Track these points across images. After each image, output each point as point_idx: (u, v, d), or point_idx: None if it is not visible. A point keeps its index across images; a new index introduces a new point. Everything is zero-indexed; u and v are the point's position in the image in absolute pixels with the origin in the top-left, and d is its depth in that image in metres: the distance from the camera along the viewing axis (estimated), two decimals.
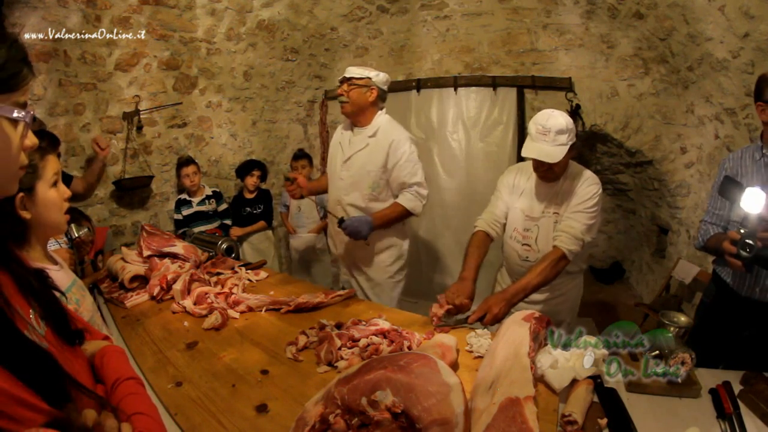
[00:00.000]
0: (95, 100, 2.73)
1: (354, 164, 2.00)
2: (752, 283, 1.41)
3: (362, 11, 3.58)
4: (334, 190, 2.09)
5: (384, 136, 1.95)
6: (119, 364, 0.77)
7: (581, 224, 1.55)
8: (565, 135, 1.51)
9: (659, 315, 1.40)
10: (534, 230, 1.68)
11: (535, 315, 1.23)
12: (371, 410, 0.80)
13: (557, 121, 1.50)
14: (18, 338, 0.52)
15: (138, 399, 0.71)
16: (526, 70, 3.32)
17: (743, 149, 1.48)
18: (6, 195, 0.58)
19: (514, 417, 0.85)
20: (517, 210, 1.72)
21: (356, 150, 1.99)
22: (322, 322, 1.43)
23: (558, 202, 1.64)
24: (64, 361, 0.62)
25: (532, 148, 1.53)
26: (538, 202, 1.67)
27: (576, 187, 1.61)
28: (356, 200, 2.00)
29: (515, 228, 1.73)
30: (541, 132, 1.51)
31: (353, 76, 1.91)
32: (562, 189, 1.63)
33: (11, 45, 0.53)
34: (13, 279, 0.62)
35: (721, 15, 2.22)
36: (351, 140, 2.03)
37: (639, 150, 3.19)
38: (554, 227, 1.62)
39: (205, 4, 3.01)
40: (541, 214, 1.66)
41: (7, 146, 0.54)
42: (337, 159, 2.07)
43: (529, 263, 1.67)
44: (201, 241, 2.41)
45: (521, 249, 1.71)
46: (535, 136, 1.53)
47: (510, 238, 1.76)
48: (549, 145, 1.50)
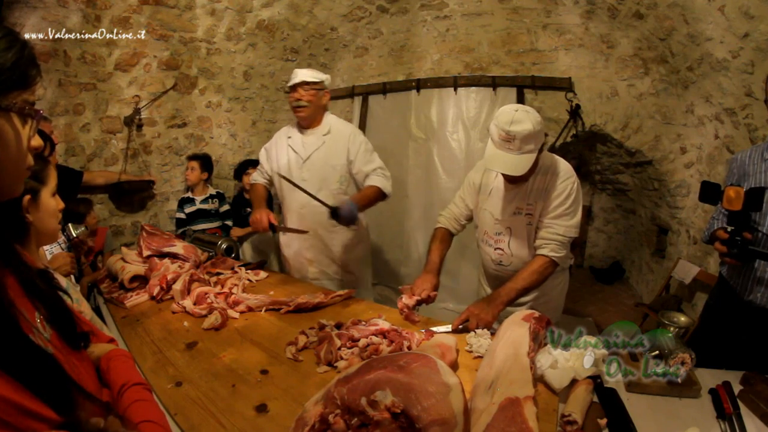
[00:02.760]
0: (95, 100, 2.73)
1: (315, 163, 2.02)
2: (753, 287, 1.39)
3: (362, 11, 3.58)
4: (293, 193, 2.00)
5: (338, 131, 2.04)
6: (126, 369, 0.77)
7: (563, 227, 1.47)
8: (533, 141, 1.34)
9: (659, 315, 1.40)
10: (506, 234, 1.58)
11: (535, 315, 1.23)
12: (371, 410, 0.79)
13: (523, 127, 1.31)
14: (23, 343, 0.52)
15: (146, 406, 0.71)
16: (526, 70, 3.32)
17: (753, 148, 1.45)
18: (11, 196, 0.57)
19: (514, 417, 0.85)
20: (486, 212, 1.61)
21: (313, 149, 2.02)
22: (321, 322, 1.43)
23: (531, 201, 1.51)
24: (69, 366, 0.61)
25: (495, 158, 1.37)
26: (507, 202, 1.55)
27: (548, 185, 1.47)
28: (325, 198, 1.91)
29: (485, 231, 1.64)
30: (505, 138, 1.33)
31: (308, 80, 1.94)
32: (534, 187, 1.50)
33: (22, 45, 0.54)
34: (19, 281, 0.62)
35: (720, 15, 2.22)
36: (303, 141, 2.05)
37: (639, 150, 3.19)
38: (527, 228, 1.52)
39: (205, 4, 3.01)
40: (512, 215, 1.54)
41: (17, 144, 0.54)
42: (290, 162, 2.05)
43: (503, 267, 1.62)
44: (201, 241, 2.41)
45: (494, 253, 1.63)
46: (497, 143, 1.36)
47: (482, 242, 1.67)
48: (514, 154, 1.34)
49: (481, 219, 1.67)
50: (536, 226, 1.53)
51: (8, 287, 0.57)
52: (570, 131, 3.25)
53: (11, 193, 0.57)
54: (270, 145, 2.18)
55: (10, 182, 0.56)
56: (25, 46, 0.54)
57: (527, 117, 1.33)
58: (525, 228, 1.54)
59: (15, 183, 0.57)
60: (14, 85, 0.53)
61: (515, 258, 1.59)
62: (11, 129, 0.53)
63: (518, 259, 1.58)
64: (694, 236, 2.90)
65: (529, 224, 1.53)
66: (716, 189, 1.30)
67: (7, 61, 0.51)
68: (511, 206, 1.55)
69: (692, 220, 2.94)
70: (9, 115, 0.52)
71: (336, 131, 2.04)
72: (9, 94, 0.52)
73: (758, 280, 1.37)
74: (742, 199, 1.19)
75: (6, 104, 0.51)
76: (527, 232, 1.54)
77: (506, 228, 1.57)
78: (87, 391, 0.59)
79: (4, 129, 0.52)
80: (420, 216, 3.61)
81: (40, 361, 0.53)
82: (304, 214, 2.06)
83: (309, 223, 2.04)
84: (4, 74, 0.51)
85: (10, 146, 0.53)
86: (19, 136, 0.54)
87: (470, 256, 1.80)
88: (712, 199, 1.32)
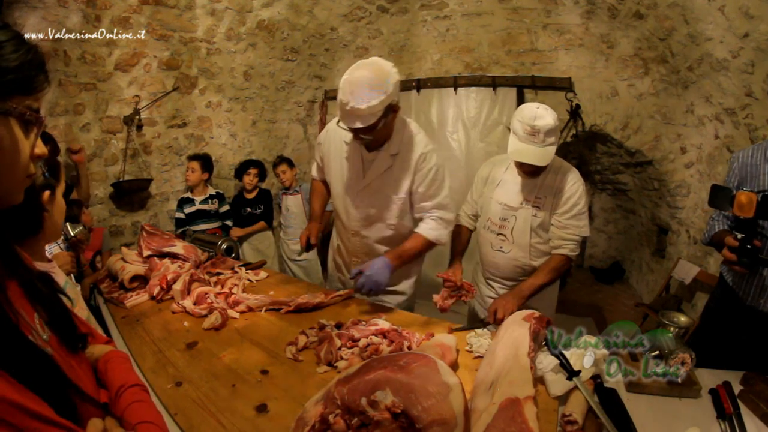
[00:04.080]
0: (95, 100, 2.73)
1: (376, 190, 1.61)
2: (758, 293, 1.37)
3: (362, 11, 3.58)
4: (344, 218, 1.72)
5: (408, 150, 1.56)
6: (124, 371, 0.77)
7: (578, 227, 1.58)
8: (553, 135, 1.46)
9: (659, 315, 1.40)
10: (511, 220, 1.65)
11: (535, 315, 1.23)
12: (371, 410, 0.79)
13: (546, 122, 1.44)
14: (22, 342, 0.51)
15: (143, 407, 0.71)
16: (526, 70, 3.33)
17: (754, 147, 1.41)
18: (9, 204, 0.56)
19: (514, 417, 0.85)
20: (493, 201, 1.70)
21: (376, 174, 1.59)
22: (322, 322, 1.43)
23: (539, 195, 1.60)
24: (67, 367, 0.61)
25: (521, 150, 1.48)
26: (517, 192, 1.64)
27: (558, 184, 1.58)
28: (378, 232, 1.67)
29: (489, 218, 1.72)
30: (530, 133, 1.45)
31: (372, 120, 1.37)
32: (544, 183, 1.60)
33: (29, 49, 0.53)
34: (20, 284, 0.61)
35: (721, 15, 2.22)
36: (365, 159, 1.59)
37: (639, 150, 3.19)
38: (531, 220, 1.61)
39: (205, 4, 3.01)
40: (520, 204, 1.63)
41: (17, 150, 0.52)
42: (345, 182, 1.65)
43: (502, 254, 1.69)
44: (201, 241, 2.41)
45: (495, 239, 1.70)
46: (522, 137, 1.47)
47: (484, 228, 1.75)
48: (538, 146, 1.45)
49: (485, 207, 1.74)
50: (542, 221, 1.61)
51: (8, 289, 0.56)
52: (570, 131, 3.25)
53: (9, 201, 0.55)
54: (324, 140, 1.72)
55: (7, 190, 0.54)
56: (33, 51, 0.53)
57: (548, 113, 1.47)
58: (530, 219, 1.62)
59: (13, 191, 0.55)
60: (16, 89, 0.51)
61: (515, 246, 1.66)
62: (8, 135, 0.51)
63: (518, 246, 1.66)
64: (694, 236, 2.90)
65: (534, 216, 1.61)
66: (727, 194, 1.21)
67: (10, 64, 0.50)
68: (519, 196, 1.64)
69: (692, 220, 2.94)
70: (8, 120, 0.50)
71: (406, 150, 1.56)
72: (10, 98, 0.50)
73: (764, 287, 1.34)
74: (754, 207, 1.12)
75: (5, 108, 0.50)
76: (530, 224, 1.62)
77: (513, 215, 1.65)
78: (85, 392, 0.59)
79: (1, 134, 0.50)
80: None
81: (38, 361, 0.52)
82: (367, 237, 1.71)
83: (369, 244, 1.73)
84: (6, 77, 0.50)
85: (5, 153, 0.51)
86: (16, 142, 0.52)
87: (467, 257, 1.81)
88: (723, 204, 1.25)
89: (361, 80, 1.37)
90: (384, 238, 1.70)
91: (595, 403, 0.98)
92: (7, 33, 0.51)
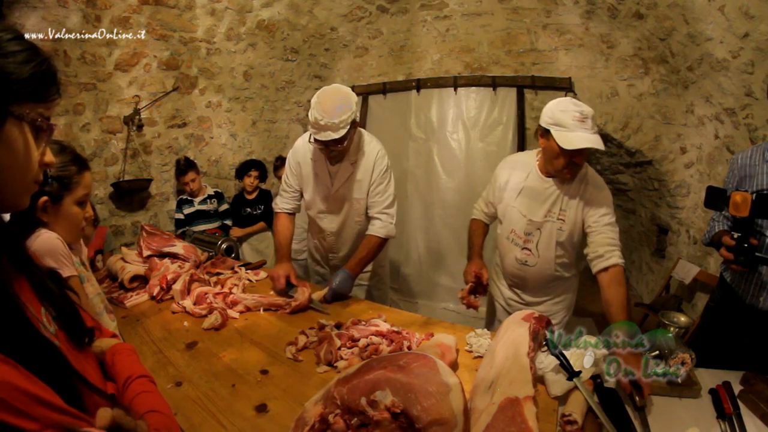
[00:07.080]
0: (95, 100, 2.73)
1: (342, 196, 1.82)
2: (756, 291, 1.38)
3: (362, 11, 3.58)
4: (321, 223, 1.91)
5: (364, 156, 1.77)
6: (131, 363, 0.77)
7: (616, 233, 1.49)
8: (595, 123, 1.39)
9: (659, 315, 1.40)
10: (536, 235, 1.58)
11: (535, 315, 1.23)
12: (371, 410, 0.79)
13: (588, 108, 1.38)
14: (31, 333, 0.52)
15: (150, 397, 0.72)
16: (525, 70, 3.32)
17: (753, 148, 1.42)
18: (16, 209, 0.57)
19: (514, 417, 0.85)
20: (515, 210, 1.62)
21: (342, 182, 1.79)
22: (321, 322, 1.43)
23: (564, 207, 1.53)
24: (74, 360, 0.61)
25: (577, 138, 1.36)
26: (540, 204, 1.56)
27: (585, 193, 1.51)
28: (351, 229, 1.87)
29: (513, 230, 1.64)
30: (580, 119, 1.35)
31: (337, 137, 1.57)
32: (570, 193, 1.53)
33: (43, 61, 0.54)
34: (30, 281, 0.62)
35: (720, 15, 2.22)
36: (330, 171, 1.80)
37: (639, 150, 3.19)
38: (557, 233, 1.54)
39: (205, 4, 3.01)
40: (544, 218, 1.56)
41: (26, 154, 0.54)
42: (321, 189, 1.83)
43: (527, 267, 1.63)
44: (201, 241, 2.41)
45: (520, 253, 1.63)
46: (573, 125, 1.37)
47: (507, 239, 1.66)
48: (590, 132, 1.36)
49: (509, 217, 1.65)
50: (567, 235, 1.55)
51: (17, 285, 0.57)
52: None
53: (15, 205, 0.56)
54: (295, 160, 1.87)
55: (15, 193, 0.55)
56: (46, 63, 0.55)
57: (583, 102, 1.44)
58: (555, 233, 1.56)
59: (20, 194, 0.56)
60: (29, 97, 0.53)
61: (541, 259, 1.60)
62: (21, 138, 0.52)
63: (543, 260, 1.61)
64: (694, 236, 2.90)
65: (560, 230, 1.55)
66: (722, 194, 1.25)
67: (24, 73, 0.51)
68: (543, 208, 1.56)
69: (692, 220, 2.94)
70: (22, 125, 0.52)
71: (363, 158, 1.78)
72: (23, 104, 0.52)
73: (763, 285, 1.35)
74: (749, 206, 1.15)
75: (20, 113, 0.51)
76: (556, 237, 1.56)
77: (537, 230, 1.58)
78: (92, 384, 0.59)
79: (14, 136, 0.51)
80: (420, 216, 3.61)
81: (47, 352, 0.53)
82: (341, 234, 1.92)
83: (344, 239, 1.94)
84: (19, 84, 0.51)
85: (18, 155, 0.52)
86: (28, 146, 0.54)
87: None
88: (718, 205, 1.28)
89: (331, 100, 1.58)
90: (356, 232, 1.90)
91: (595, 403, 0.98)
92: (22, 43, 0.53)
